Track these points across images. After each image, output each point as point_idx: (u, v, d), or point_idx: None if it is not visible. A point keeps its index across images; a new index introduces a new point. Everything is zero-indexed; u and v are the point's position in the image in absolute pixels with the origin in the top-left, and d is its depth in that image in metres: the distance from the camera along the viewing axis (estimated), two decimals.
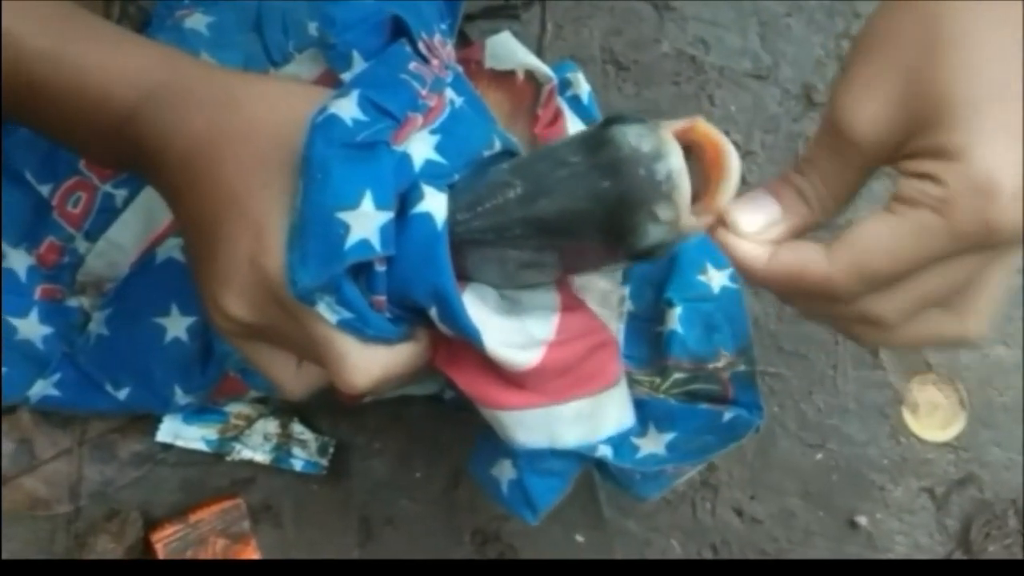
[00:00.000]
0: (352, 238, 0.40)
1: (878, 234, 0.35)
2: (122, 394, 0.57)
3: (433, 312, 0.43)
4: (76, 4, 0.44)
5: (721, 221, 0.38)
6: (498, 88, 0.59)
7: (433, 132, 0.44)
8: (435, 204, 0.42)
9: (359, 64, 0.49)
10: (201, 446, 0.62)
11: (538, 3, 0.65)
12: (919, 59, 0.35)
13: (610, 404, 0.48)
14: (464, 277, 0.44)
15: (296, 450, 0.62)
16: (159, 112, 0.42)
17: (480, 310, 0.43)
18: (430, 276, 0.42)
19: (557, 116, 0.59)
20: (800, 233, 0.38)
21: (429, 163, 0.43)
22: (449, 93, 0.46)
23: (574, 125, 0.56)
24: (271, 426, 0.62)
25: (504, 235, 0.41)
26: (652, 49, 0.65)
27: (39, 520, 0.63)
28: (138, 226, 0.58)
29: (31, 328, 0.58)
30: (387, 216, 0.40)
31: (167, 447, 0.62)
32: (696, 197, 0.37)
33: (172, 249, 0.56)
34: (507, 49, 0.59)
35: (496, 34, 0.59)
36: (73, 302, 0.59)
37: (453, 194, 0.43)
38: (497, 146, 0.46)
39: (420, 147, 0.43)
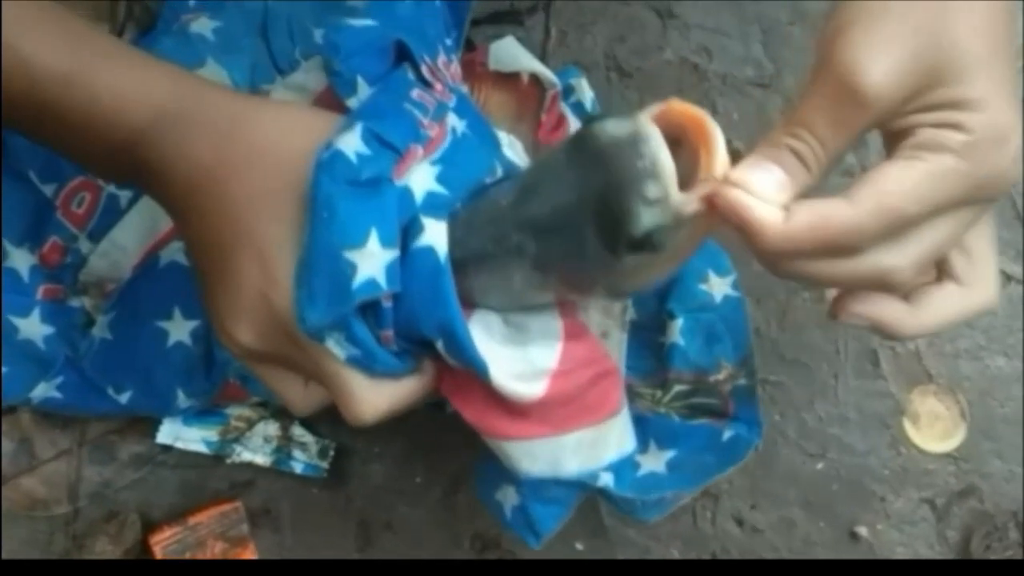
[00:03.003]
0: (360, 277, 0.40)
1: (901, 177, 0.36)
2: (124, 398, 0.57)
3: (440, 345, 0.43)
4: (87, 24, 0.43)
5: (729, 184, 0.37)
6: (503, 89, 0.59)
7: (434, 163, 0.44)
8: (436, 235, 0.42)
9: (363, 89, 0.49)
10: (201, 448, 0.62)
11: (542, 9, 0.65)
12: (934, 20, 0.36)
13: (612, 432, 0.48)
14: (469, 302, 0.44)
15: (296, 453, 0.62)
16: (166, 137, 0.42)
17: (486, 341, 0.43)
18: (436, 311, 0.42)
19: (560, 122, 0.59)
20: (799, 198, 0.37)
21: (430, 195, 0.43)
22: (451, 119, 0.46)
23: None
24: (271, 428, 0.62)
25: (502, 244, 0.41)
26: (655, 56, 0.65)
27: (37, 521, 0.62)
28: (142, 228, 0.58)
29: (33, 328, 0.58)
30: (393, 254, 0.41)
31: (167, 449, 0.62)
32: (692, 180, 0.37)
33: (175, 253, 0.56)
34: (510, 54, 0.59)
35: (500, 39, 0.59)
36: (75, 302, 0.59)
37: (452, 220, 0.43)
38: (499, 172, 0.46)
39: (421, 179, 0.43)
